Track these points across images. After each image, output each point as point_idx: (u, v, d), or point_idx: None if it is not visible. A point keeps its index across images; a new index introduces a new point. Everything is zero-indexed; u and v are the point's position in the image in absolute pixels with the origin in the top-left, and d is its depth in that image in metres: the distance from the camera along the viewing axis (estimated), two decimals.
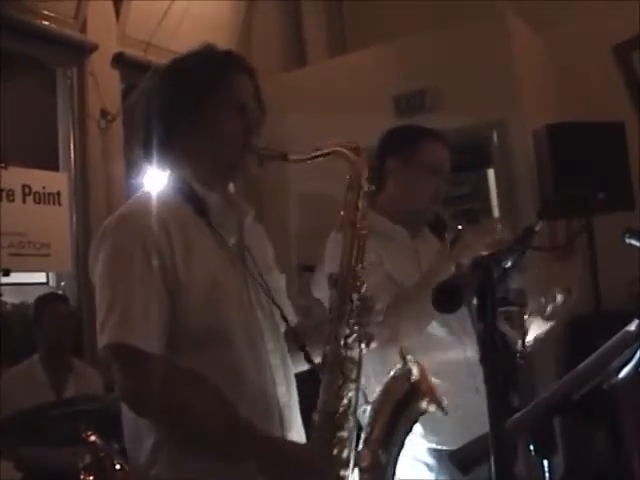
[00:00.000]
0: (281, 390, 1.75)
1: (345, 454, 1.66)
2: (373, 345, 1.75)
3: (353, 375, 1.69)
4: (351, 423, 1.68)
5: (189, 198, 1.77)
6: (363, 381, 1.74)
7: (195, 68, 1.84)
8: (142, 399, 1.62)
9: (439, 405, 1.74)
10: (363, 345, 1.71)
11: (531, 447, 1.49)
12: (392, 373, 1.79)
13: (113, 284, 1.65)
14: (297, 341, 1.81)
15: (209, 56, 1.87)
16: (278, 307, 1.80)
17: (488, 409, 1.32)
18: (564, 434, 3.73)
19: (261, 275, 1.79)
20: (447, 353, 2.29)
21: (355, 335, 1.70)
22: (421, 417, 1.80)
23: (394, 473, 1.74)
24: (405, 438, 1.77)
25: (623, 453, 3.95)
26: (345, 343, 1.69)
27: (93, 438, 2.49)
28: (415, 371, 1.75)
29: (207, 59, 1.86)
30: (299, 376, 1.85)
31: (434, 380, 1.77)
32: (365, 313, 1.73)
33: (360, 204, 1.77)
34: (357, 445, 1.72)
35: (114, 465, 2.45)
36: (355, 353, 1.70)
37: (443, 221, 2.40)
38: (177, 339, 1.66)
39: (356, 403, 1.69)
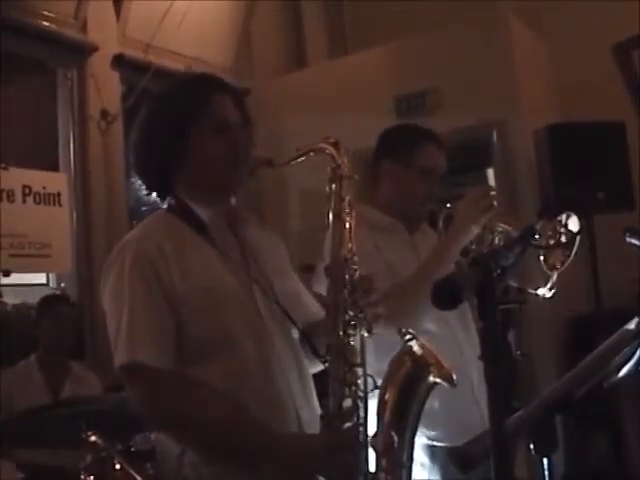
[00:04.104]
0: (296, 390, 1.78)
1: (359, 440, 1.67)
2: (376, 330, 1.74)
3: (357, 361, 1.70)
4: (361, 409, 1.69)
5: (186, 217, 1.84)
6: (370, 366, 1.74)
7: (171, 96, 1.91)
8: (153, 414, 1.70)
9: (446, 377, 1.72)
10: (364, 330, 1.72)
11: (531, 446, 1.49)
12: (395, 354, 1.77)
13: (118, 310, 1.71)
14: (303, 337, 1.84)
15: (184, 81, 1.97)
16: (284, 311, 1.82)
17: (489, 408, 1.32)
18: (565, 432, 3.74)
19: (268, 282, 1.82)
20: (441, 348, 2.28)
21: (354, 321, 1.71)
22: None
23: (412, 454, 1.74)
24: (418, 417, 1.76)
25: (623, 451, 3.95)
26: (344, 330, 1.70)
27: (94, 438, 2.48)
28: (416, 347, 1.74)
29: (183, 84, 1.95)
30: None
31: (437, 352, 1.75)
32: (362, 296, 1.73)
33: (344, 195, 1.80)
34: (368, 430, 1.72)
35: (114, 465, 2.44)
36: (357, 339, 1.71)
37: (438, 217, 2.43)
38: (185, 351, 1.71)
39: (365, 389, 1.70)
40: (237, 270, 1.80)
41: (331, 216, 1.80)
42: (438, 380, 1.72)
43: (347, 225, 1.78)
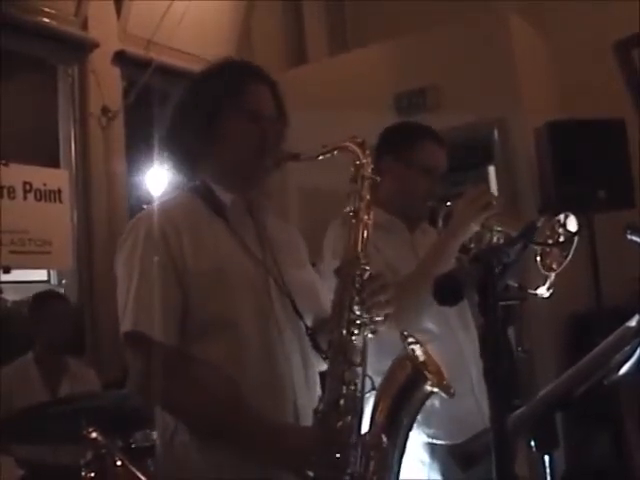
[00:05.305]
0: (298, 378, 1.78)
1: (350, 439, 1.66)
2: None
3: (357, 361, 1.70)
4: (356, 408, 1.68)
5: (207, 199, 1.87)
6: (371, 365, 1.73)
7: (209, 79, 1.93)
8: (144, 385, 1.70)
9: (444, 387, 1.72)
10: (368, 331, 1.71)
11: (532, 443, 1.49)
12: (396, 354, 1.77)
13: (128, 280, 1.74)
14: (307, 330, 1.84)
15: (223, 66, 1.96)
16: (291, 301, 1.83)
17: (489, 405, 1.31)
18: (565, 430, 3.74)
19: (279, 269, 1.84)
20: (441, 347, 2.28)
21: (359, 321, 1.71)
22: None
23: (401, 457, 1.74)
24: (411, 422, 1.75)
25: (624, 448, 3.95)
26: (348, 329, 1.70)
27: (94, 435, 2.49)
28: (419, 353, 1.74)
29: (221, 69, 1.95)
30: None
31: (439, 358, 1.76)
32: (370, 296, 1.72)
33: (364, 195, 1.80)
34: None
35: (115, 462, 2.45)
36: (360, 339, 1.70)
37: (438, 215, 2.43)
38: (189, 328, 1.73)
39: (362, 389, 1.70)
40: (251, 254, 1.82)
41: (348, 214, 1.80)
42: (436, 390, 1.72)
43: (364, 225, 1.79)
